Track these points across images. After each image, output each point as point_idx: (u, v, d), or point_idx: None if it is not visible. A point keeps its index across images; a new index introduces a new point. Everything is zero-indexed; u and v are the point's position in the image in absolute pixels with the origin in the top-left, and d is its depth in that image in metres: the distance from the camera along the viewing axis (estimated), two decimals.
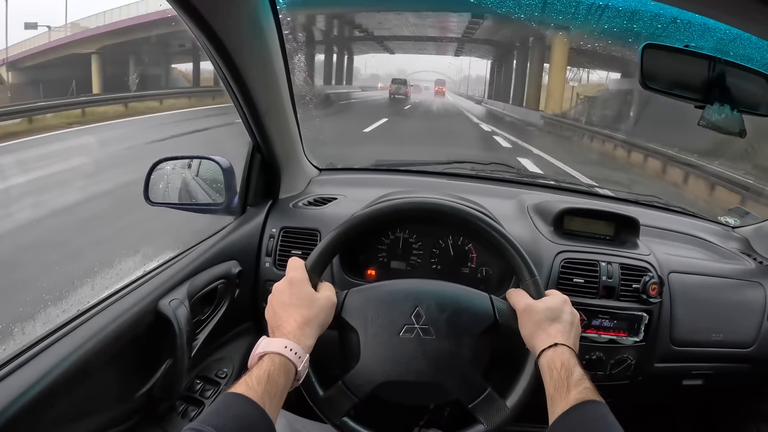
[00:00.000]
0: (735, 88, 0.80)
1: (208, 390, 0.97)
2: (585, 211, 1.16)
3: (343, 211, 1.10)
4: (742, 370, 1.17)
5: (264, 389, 0.62)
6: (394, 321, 0.76)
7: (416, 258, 1.09)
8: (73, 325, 0.75)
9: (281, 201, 1.19)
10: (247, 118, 1.00)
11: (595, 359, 1.04)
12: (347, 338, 0.78)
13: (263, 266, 1.10)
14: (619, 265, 1.06)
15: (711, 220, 1.45)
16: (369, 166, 1.56)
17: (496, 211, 1.08)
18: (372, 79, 46.30)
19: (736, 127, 0.80)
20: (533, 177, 1.56)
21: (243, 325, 1.11)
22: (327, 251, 0.81)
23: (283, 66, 1.00)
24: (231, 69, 0.85)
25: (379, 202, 0.90)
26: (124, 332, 0.79)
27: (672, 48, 0.79)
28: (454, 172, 1.49)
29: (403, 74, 38.98)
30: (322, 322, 0.74)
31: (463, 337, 0.76)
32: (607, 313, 1.04)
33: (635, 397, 1.21)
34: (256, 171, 1.12)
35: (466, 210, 0.84)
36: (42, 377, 0.66)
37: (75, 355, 0.70)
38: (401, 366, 0.76)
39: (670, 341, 1.09)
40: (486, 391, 0.76)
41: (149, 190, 1.13)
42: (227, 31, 0.78)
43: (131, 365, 0.83)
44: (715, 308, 1.13)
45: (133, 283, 0.88)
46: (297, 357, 0.68)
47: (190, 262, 0.96)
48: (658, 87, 0.79)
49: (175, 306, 0.86)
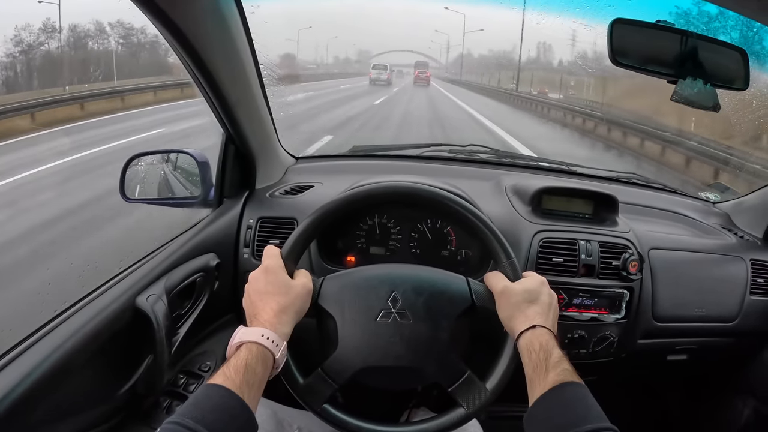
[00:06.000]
0: (708, 63, 0.79)
1: (191, 384, 0.97)
2: (563, 190, 1.16)
3: (320, 199, 1.08)
4: (725, 344, 1.19)
5: (242, 379, 0.62)
6: (371, 306, 0.76)
7: (395, 243, 1.09)
8: (52, 325, 0.74)
9: (258, 191, 1.18)
10: (217, 110, 0.98)
11: (577, 338, 1.05)
12: (325, 325, 0.78)
13: (242, 257, 1.09)
14: (599, 243, 1.06)
15: (691, 196, 1.46)
16: (346, 153, 1.54)
17: (474, 193, 1.08)
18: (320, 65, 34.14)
19: (709, 102, 0.80)
20: (511, 157, 1.55)
21: (224, 317, 1.11)
22: (302, 238, 0.81)
23: (251, 56, 0.98)
24: (196, 61, 0.84)
25: (354, 188, 0.89)
26: (104, 330, 0.78)
27: (643, 23, 0.78)
28: (431, 155, 1.48)
29: (366, 56, 31.52)
30: (299, 309, 0.74)
31: (440, 321, 0.76)
32: (587, 292, 1.04)
33: (620, 373, 1.23)
34: (231, 162, 1.11)
35: (440, 193, 0.84)
36: (22, 379, 0.65)
37: (55, 356, 0.70)
38: (379, 351, 0.76)
39: (652, 317, 1.11)
40: (465, 374, 0.77)
41: (125, 187, 1.11)
42: (189, 24, 0.77)
43: (112, 363, 0.82)
44: (697, 283, 1.15)
45: (111, 281, 0.87)
46: (274, 345, 0.68)
47: (166, 257, 0.95)
48: (629, 63, 0.78)
49: (152, 302, 0.85)
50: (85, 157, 5.47)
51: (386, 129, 9.09)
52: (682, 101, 0.79)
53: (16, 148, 5.70)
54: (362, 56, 31.33)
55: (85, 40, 11.70)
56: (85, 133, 6.87)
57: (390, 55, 34.19)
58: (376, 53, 32.94)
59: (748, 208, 1.34)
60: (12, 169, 4.72)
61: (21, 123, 6.29)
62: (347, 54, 33.24)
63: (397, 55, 36.79)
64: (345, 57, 32.99)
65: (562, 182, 1.22)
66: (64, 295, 0.84)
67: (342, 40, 32.08)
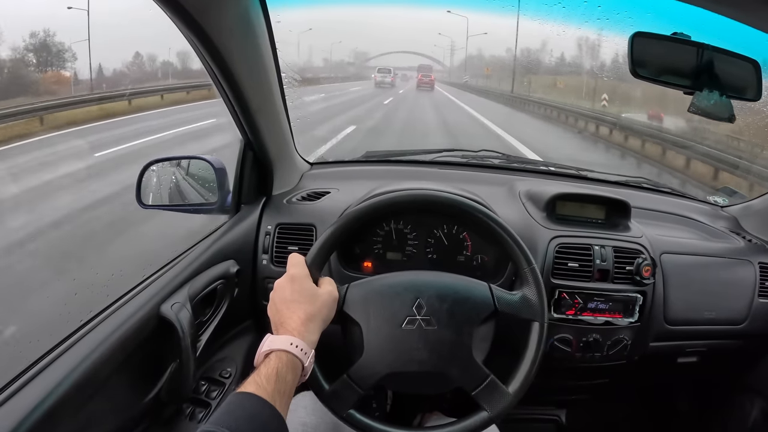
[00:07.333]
0: (723, 74, 0.81)
1: (213, 390, 0.97)
2: (576, 196, 1.17)
3: (337, 205, 1.10)
4: (734, 346, 1.21)
5: (274, 387, 0.63)
6: (396, 313, 0.78)
7: (412, 248, 1.10)
8: (78, 335, 0.75)
9: (275, 197, 1.18)
10: (238, 117, 0.99)
11: (591, 341, 1.07)
12: (350, 332, 0.80)
13: (260, 264, 1.10)
14: (612, 248, 1.08)
15: (700, 200, 1.47)
16: (360, 158, 1.55)
17: (489, 199, 1.10)
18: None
19: (725, 113, 0.81)
20: (523, 162, 1.55)
21: (243, 323, 1.12)
22: (326, 246, 0.82)
23: (273, 64, 0.99)
24: (222, 68, 0.84)
25: (374, 195, 0.90)
26: (129, 339, 0.78)
27: (661, 36, 0.79)
28: (444, 160, 1.49)
29: (364, 57, 28.60)
30: (325, 317, 0.75)
31: (464, 327, 0.78)
32: (602, 296, 1.06)
33: (632, 376, 1.25)
34: (249, 168, 1.11)
35: (462, 201, 0.85)
36: (51, 391, 0.65)
37: (82, 366, 0.70)
38: (404, 357, 0.77)
39: (664, 320, 1.12)
40: (488, 378, 0.78)
41: (141, 193, 1.12)
42: (218, 31, 0.77)
43: (138, 371, 0.83)
44: (706, 287, 1.16)
45: (134, 289, 0.87)
46: (303, 353, 0.69)
47: (188, 264, 0.96)
48: (648, 75, 0.80)
49: (177, 309, 0.86)
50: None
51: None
52: (699, 113, 0.80)
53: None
54: (358, 58, 28.87)
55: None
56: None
57: (390, 58, 30.36)
58: (375, 55, 29.74)
59: (756, 212, 1.35)
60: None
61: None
62: (342, 57, 29.06)
63: (398, 57, 32.26)
64: (340, 60, 29.53)
65: (575, 188, 1.23)
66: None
67: (340, 43, 29.71)
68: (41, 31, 9.26)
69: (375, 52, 30.94)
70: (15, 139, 6.00)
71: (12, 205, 4.02)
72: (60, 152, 5.77)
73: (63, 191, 4.43)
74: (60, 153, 5.75)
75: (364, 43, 30.59)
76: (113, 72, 11.69)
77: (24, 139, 6.09)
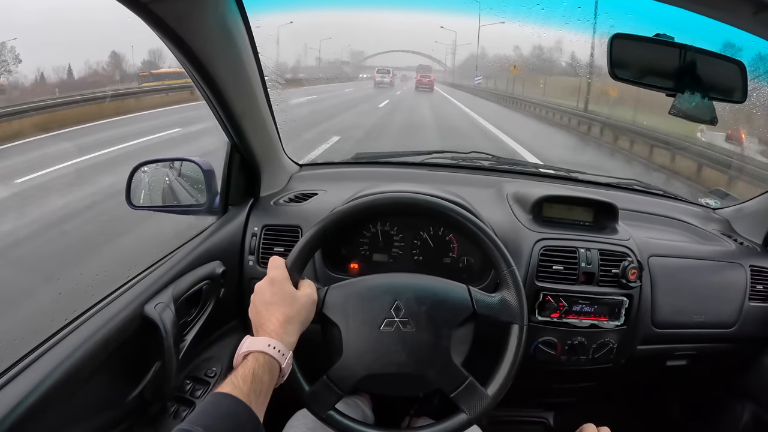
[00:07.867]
0: (706, 76, 0.80)
1: (198, 390, 0.98)
2: (563, 198, 1.17)
3: (324, 206, 1.10)
4: (725, 350, 1.20)
5: (250, 387, 0.64)
6: (375, 315, 0.78)
7: (398, 250, 1.11)
8: (62, 335, 0.76)
9: (262, 199, 1.19)
10: (223, 121, 1.00)
11: (577, 344, 1.06)
12: (329, 333, 0.80)
13: (247, 265, 1.10)
14: (598, 251, 1.07)
15: (691, 202, 1.46)
16: (349, 160, 1.55)
17: (476, 201, 1.09)
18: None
19: (707, 115, 0.81)
20: (513, 164, 1.55)
21: (230, 323, 1.12)
22: (306, 249, 0.82)
23: (256, 68, 1.00)
24: (203, 75, 0.85)
25: (356, 198, 0.91)
26: (112, 338, 0.79)
27: (642, 37, 0.79)
28: (434, 162, 1.49)
29: (360, 56, 28.16)
30: (304, 319, 0.76)
31: (442, 329, 0.78)
32: (587, 299, 1.05)
33: (620, 379, 1.24)
34: (236, 170, 1.12)
35: (440, 203, 0.85)
36: (33, 389, 0.66)
37: (65, 365, 0.71)
38: (383, 359, 0.78)
39: (651, 324, 1.12)
40: (467, 380, 0.78)
41: (131, 194, 1.13)
42: (196, 38, 0.78)
43: (121, 370, 0.83)
44: (696, 290, 1.16)
45: (119, 289, 0.88)
46: (280, 354, 0.70)
47: (174, 265, 0.96)
48: (628, 77, 0.79)
49: (160, 310, 0.87)
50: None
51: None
52: (680, 115, 0.80)
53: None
54: (355, 58, 27.62)
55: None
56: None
57: (388, 57, 29.71)
58: (371, 54, 29.10)
59: (747, 214, 1.35)
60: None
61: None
62: (336, 55, 27.68)
63: (395, 56, 31.40)
64: (335, 58, 27.45)
65: (562, 190, 1.23)
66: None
67: (333, 40, 27.41)
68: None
69: (371, 51, 30.49)
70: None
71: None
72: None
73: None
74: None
75: (359, 42, 28.94)
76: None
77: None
